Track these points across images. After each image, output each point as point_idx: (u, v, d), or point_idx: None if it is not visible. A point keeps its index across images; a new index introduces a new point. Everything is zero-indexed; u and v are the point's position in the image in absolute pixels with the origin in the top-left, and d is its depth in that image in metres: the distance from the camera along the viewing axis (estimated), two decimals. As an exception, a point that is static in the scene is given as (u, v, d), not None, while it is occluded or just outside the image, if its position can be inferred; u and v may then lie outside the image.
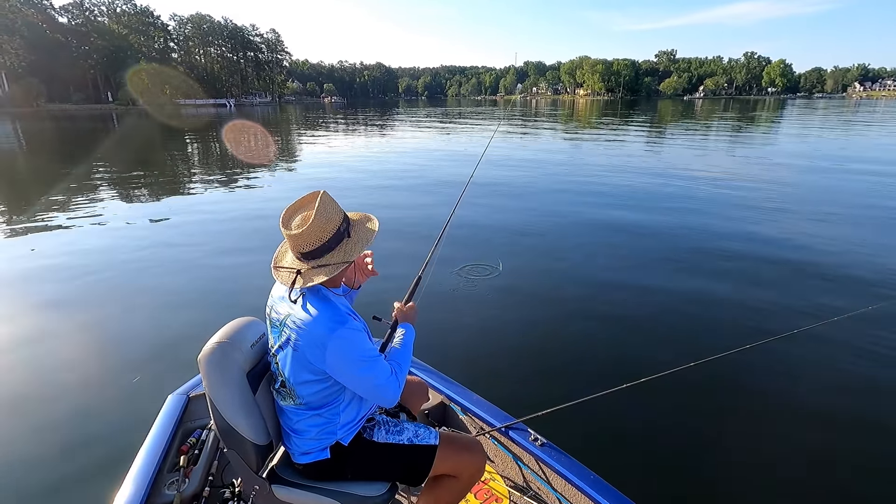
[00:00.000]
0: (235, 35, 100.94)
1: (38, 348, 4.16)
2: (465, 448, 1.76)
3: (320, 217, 1.45)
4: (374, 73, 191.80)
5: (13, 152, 21.33)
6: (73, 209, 9.46)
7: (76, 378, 3.72)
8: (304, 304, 1.50)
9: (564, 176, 13.13)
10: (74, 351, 4.14)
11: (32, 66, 61.83)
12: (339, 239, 1.49)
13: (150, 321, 4.65)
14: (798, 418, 3.24)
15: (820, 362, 3.91)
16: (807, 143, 21.83)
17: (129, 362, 3.90)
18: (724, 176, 12.81)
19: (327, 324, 1.45)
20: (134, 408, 3.22)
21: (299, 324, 1.48)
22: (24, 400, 3.45)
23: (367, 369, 1.51)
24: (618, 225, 7.92)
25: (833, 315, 3.98)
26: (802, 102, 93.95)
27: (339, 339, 1.44)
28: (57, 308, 4.95)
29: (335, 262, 1.49)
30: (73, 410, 3.30)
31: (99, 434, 3.04)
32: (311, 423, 1.61)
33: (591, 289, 5.37)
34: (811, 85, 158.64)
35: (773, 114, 50.40)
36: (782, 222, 8.13)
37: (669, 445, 3.02)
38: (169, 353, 3.99)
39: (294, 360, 1.52)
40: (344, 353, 1.46)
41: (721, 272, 5.83)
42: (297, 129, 33.97)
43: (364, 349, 1.50)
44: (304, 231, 1.45)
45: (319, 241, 1.47)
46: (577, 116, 47.37)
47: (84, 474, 2.73)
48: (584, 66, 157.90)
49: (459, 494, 1.77)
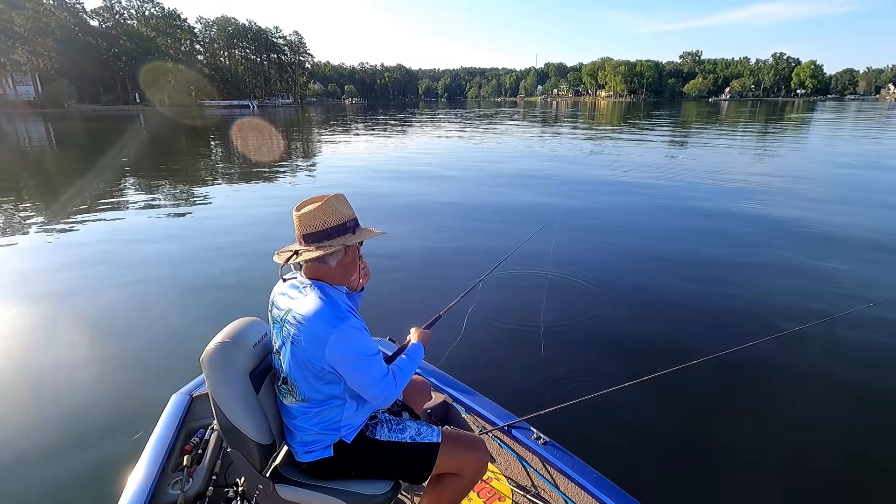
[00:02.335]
0: (259, 37, 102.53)
1: (42, 345, 4.17)
2: (468, 446, 1.75)
3: (328, 205, 1.51)
4: (394, 74, 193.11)
5: (43, 151, 21.95)
6: (86, 206, 9.63)
7: (79, 377, 3.71)
8: (306, 298, 1.52)
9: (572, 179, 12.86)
10: (77, 349, 4.13)
11: (64, 67, 63.78)
12: (342, 231, 1.52)
13: (156, 320, 4.64)
14: (804, 416, 3.22)
15: (825, 357, 3.88)
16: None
17: (132, 361, 3.89)
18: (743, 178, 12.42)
19: (328, 319, 1.46)
20: (137, 408, 3.22)
21: (300, 318, 1.50)
22: (27, 399, 3.45)
23: (365, 367, 1.51)
24: (618, 224, 7.86)
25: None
26: (834, 104, 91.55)
27: (339, 335, 1.46)
28: (62, 304, 4.97)
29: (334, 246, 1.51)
30: (77, 410, 3.29)
31: (103, 434, 3.04)
32: (313, 420, 1.60)
33: (591, 288, 5.32)
34: (842, 87, 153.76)
35: (809, 115, 49.12)
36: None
37: (673, 443, 2.99)
38: (173, 353, 3.96)
39: (294, 355, 1.53)
40: (342, 350, 1.47)
41: (723, 270, 5.82)
42: (318, 130, 34.37)
43: (362, 347, 1.51)
44: (309, 212, 1.50)
45: (322, 225, 1.50)
46: (600, 119, 46.82)
47: (88, 474, 2.73)
48: (606, 68, 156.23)
49: (462, 492, 1.76)
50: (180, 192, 11.27)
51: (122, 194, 11.00)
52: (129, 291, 5.31)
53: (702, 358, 2.33)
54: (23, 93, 61.95)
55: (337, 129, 34.64)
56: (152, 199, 10.58)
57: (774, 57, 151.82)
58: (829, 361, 3.83)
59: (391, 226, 7.70)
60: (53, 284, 5.51)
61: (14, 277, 5.78)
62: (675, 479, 2.71)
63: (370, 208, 8.92)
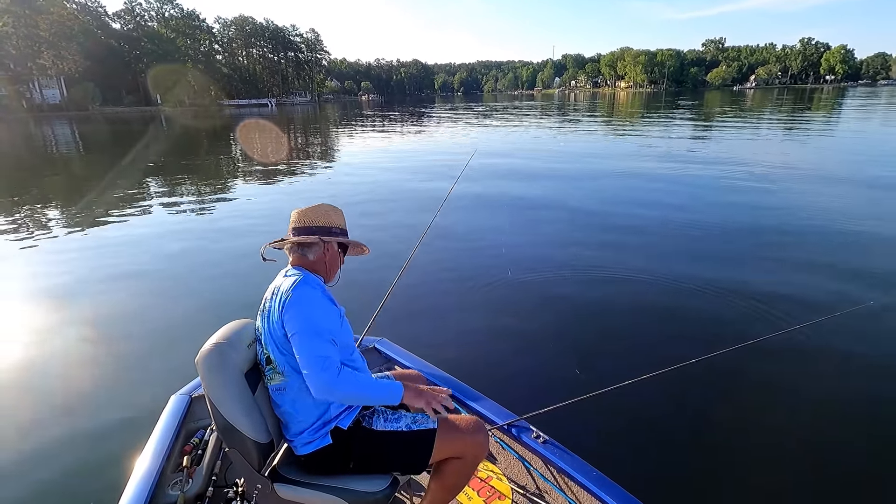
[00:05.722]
0: (277, 36, 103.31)
1: (41, 344, 4.14)
2: (466, 428, 1.74)
3: (320, 209, 1.79)
4: (410, 69, 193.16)
5: (70, 152, 22.42)
6: (91, 208, 9.74)
7: (79, 377, 3.67)
8: (287, 278, 1.67)
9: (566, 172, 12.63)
10: (77, 349, 4.08)
11: (87, 71, 65.20)
12: (324, 232, 1.75)
13: (156, 320, 4.58)
14: (806, 415, 3.19)
15: (831, 353, 3.83)
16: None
17: (132, 362, 3.84)
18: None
19: (296, 285, 1.60)
20: (137, 408, 3.18)
21: (275, 290, 1.66)
22: (27, 399, 3.41)
23: (308, 341, 1.53)
24: (617, 224, 7.65)
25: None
26: (866, 90, 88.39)
27: (299, 295, 1.57)
28: (62, 303, 4.95)
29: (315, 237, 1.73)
30: (77, 410, 3.26)
31: (102, 435, 3.02)
32: (302, 404, 1.63)
33: (592, 286, 5.26)
34: (874, 71, 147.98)
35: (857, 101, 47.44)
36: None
37: (674, 442, 2.98)
38: (174, 353, 3.90)
39: (267, 325, 1.63)
40: (295, 311, 1.55)
41: (724, 264, 5.77)
42: (335, 127, 34.48)
43: (315, 317, 1.56)
44: (302, 210, 1.78)
45: (310, 223, 1.76)
46: (619, 110, 46.05)
47: (88, 475, 2.71)
48: (625, 58, 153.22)
49: (466, 475, 1.77)
50: (189, 194, 11.25)
51: (127, 196, 11.03)
52: (130, 291, 5.27)
53: (704, 356, 2.32)
54: (49, 96, 63.47)
55: (356, 125, 34.72)
56: (158, 200, 10.62)
57: (802, 42, 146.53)
58: (832, 360, 3.77)
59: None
60: (54, 283, 5.49)
61: (14, 276, 5.78)
62: (675, 477, 2.71)
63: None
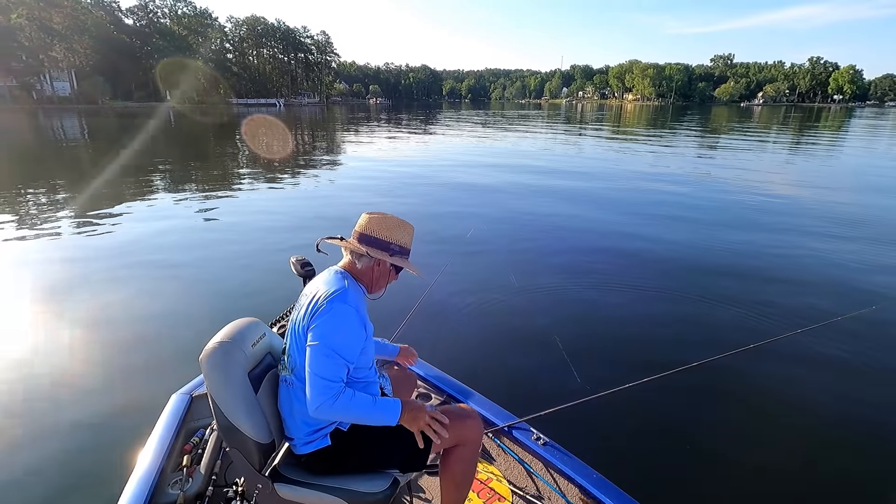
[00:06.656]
0: (287, 37, 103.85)
1: (41, 343, 4.10)
2: (460, 415, 1.75)
3: (390, 221, 1.69)
4: (418, 75, 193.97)
5: (77, 144, 22.48)
6: (94, 204, 9.71)
7: (78, 377, 3.63)
8: (331, 277, 1.65)
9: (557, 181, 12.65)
10: (77, 348, 4.04)
11: (98, 65, 65.54)
12: (383, 247, 1.67)
13: (156, 319, 4.54)
14: (806, 417, 3.21)
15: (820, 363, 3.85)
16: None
17: (132, 361, 3.81)
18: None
19: (334, 296, 1.55)
20: (137, 407, 3.14)
21: (315, 292, 1.61)
22: (27, 399, 3.37)
23: (322, 357, 1.51)
24: (618, 231, 7.69)
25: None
26: (874, 111, 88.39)
27: (334, 311, 1.53)
28: (62, 301, 4.90)
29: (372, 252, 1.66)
30: (76, 410, 3.21)
31: (102, 434, 2.99)
32: (303, 404, 1.59)
33: (592, 289, 5.31)
34: (882, 93, 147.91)
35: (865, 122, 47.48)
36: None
37: (673, 444, 2.98)
38: (174, 352, 3.86)
39: (298, 317, 1.62)
40: (323, 324, 1.52)
41: (724, 270, 5.86)
42: (343, 129, 34.51)
43: (338, 339, 1.52)
44: (373, 217, 1.70)
45: (371, 232, 1.67)
46: (626, 121, 46.17)
47: (88, 474, 2.68)
48: (633, 71, 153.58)
49: (471, 461, 1.77)
50: (195, 192, 11.18)
51: (133, 191, 10.98)
52: (130, 290, 5.23)
53: (703, 360, 2.33)
54: (59, 89, 63.84)
55: (362, 128, 34.78)
56: (164, 196, 10.55)
57: (811, 61, 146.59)
58: (834, 363, 3.80)
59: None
60: (54, 281, 5.45)
61: (14, 275, 5.73)
62: (675, 480, 2.70)
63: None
